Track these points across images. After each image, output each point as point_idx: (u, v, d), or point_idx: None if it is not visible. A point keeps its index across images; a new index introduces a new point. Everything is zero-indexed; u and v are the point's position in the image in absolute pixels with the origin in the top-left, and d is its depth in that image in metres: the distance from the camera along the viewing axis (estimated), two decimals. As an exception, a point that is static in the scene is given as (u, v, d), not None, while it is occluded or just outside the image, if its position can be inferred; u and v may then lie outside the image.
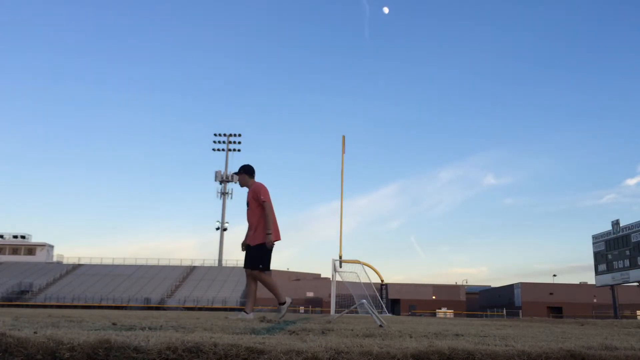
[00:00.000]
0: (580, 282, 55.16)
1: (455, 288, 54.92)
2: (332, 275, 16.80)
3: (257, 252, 5.24)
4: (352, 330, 3.04)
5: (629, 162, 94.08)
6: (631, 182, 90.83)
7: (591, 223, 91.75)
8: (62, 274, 51.06)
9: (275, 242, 5.26)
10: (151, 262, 54.50)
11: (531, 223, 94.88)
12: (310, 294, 50.41)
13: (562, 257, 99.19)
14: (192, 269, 53.04)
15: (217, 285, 48.41)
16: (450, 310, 47.57)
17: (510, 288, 54.44)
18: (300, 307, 46.40)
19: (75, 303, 42.09)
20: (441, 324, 5.38)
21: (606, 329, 4.83)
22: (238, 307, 42.55)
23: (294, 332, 2.64)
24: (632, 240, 25.07)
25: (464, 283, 61.78)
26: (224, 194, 58.56)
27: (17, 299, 43.89)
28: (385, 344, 1.78)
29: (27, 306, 38.07)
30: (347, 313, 6.42)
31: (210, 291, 46.77)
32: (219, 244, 57.47)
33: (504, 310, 45.24)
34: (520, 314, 46.84)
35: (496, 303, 51.68)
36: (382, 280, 41.28)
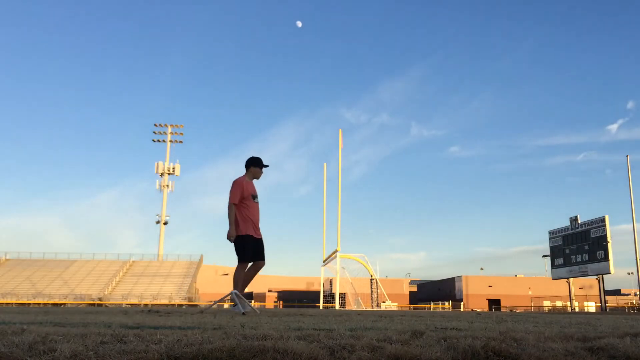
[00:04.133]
0: (516, 275, 58.69)
1: (399, 282, 56.32)
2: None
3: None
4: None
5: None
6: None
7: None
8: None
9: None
10: (86, 257, 51.18)
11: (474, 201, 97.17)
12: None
13: (506, 241, 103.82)
14: (130, 264, 50.43)
15: (159, 280, 46.37)
16: (395, 303, 48.69)
17: (451, 281, 56.73)
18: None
19: (7, 300, 39.43)
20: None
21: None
22: (187, 302, 40.86)
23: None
24: (592, 236, 26.44)
25: (407, 276, 63.65)
26: (164, 186, 56.15)
27: None
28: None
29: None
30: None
31: (152, 286, 44.69)
32: (159, 239, 55.03)
33: (450, 302, 46.91)
34: (463, 306, 48.79)
35: (437, 296, 53.62)
36: (372, 275, 41.65)
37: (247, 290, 5.70)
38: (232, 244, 5.49)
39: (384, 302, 40.12)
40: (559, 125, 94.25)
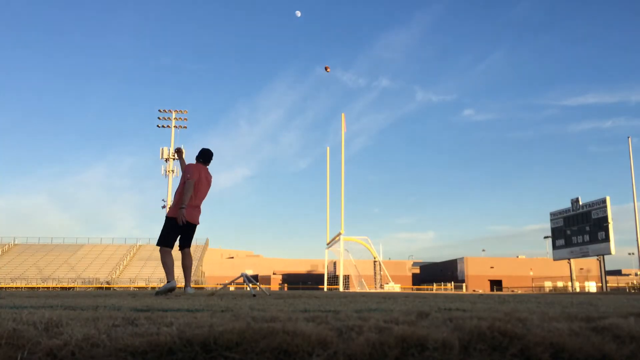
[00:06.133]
0: (518, 256, 59.02)
1: (401, 264, 56.81)
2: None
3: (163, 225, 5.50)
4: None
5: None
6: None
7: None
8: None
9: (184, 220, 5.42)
10: (93, 241, 51.87)
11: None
12: (249, 272, 50.41)
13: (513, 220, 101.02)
14: (137, 247, 51.01)
15: (165, 264, 47.02)
16: (398, 285, 49.22)
17: (453, 262, 57.16)
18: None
19: (17, 284, 40.07)
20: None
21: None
22: (194, 285, 41.41)
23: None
24: (592, 217, 26.47)
25: (410, 258, 64.13)
26: (169, 171, 56.47)
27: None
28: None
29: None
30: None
31: (159, 270, 45.32)
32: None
33: (452, 284, 47.33)
34: (465, 287, 49.24)
35: (440, 277, 54.05)
36: (375, 257, 41.95)
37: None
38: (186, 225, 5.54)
39: (387, 283, 40.55)
40: (590, 80, 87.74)
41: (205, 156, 5.84)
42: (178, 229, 5.41)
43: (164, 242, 5.40)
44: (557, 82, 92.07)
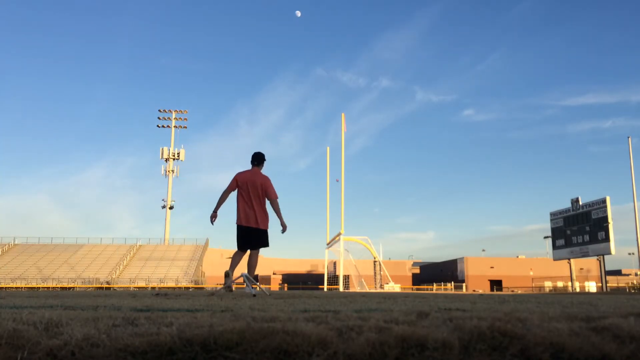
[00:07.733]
0: (518, 256, 59.03)
1: (401, 264, 56.85)
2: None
3: None
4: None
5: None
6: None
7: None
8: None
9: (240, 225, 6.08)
10: (93, 241, 51.84)
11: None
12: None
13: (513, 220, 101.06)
14: (137, 247, 51.01)
15: (166, 264, 46.96)
16: (398, 285, 49.25)
17: (453, 262, 57.19)
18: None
19: (17, 284, 40.04)
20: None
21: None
22: (193, 285, 41.49)
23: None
24: (592, 217, 26.44)
25: (410, 258, 64.15)
26: (169, 171, 56.47)
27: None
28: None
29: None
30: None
31: (159, 270, 45.28)
32: (165, 223, 55.54)
33: (452, 284, 47.34)
34: (465, 287, 49.26)
35: (440, 277, 54.05)
36: (375, 257, 41.97)
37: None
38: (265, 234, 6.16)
39: (387, 283, 40.56)
40: (590, 81, 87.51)
41: (255, 159, 6.14)
42: (240, 234, 5.99)
43: (238, 246, 6.06)
44: (557, 82, 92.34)
